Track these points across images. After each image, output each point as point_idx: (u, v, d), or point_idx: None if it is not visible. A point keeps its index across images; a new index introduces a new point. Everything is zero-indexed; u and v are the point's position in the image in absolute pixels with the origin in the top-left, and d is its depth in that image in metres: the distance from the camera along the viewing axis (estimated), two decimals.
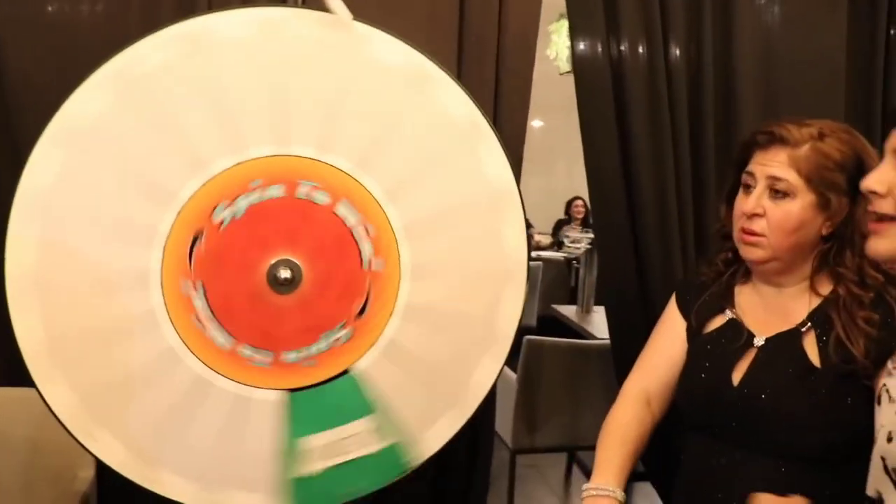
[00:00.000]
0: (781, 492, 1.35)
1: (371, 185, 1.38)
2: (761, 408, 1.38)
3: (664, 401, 1.57)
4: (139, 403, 1.37)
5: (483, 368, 1.49)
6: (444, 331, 1.45)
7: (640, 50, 2.06)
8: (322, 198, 1.38)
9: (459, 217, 1.43)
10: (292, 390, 1.40)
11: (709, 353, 1.49)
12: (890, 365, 1.23)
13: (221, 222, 1.35)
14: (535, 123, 8.80)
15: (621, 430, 1.52)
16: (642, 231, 2.13)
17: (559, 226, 7.79)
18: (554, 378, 3.02)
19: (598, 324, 3.75)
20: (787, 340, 1.42)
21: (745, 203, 1.42)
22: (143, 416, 1.37)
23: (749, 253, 1.44)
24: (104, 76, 1.29)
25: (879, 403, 1.21)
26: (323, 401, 1.42)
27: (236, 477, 1.42)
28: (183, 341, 1.36)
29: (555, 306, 4.37)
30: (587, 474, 3.69)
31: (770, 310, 1.47)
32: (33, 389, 1.35)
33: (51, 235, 1.30)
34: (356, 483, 1.45)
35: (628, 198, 2.12)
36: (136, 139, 1.31)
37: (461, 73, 2.01)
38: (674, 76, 2.09)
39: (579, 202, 7.52)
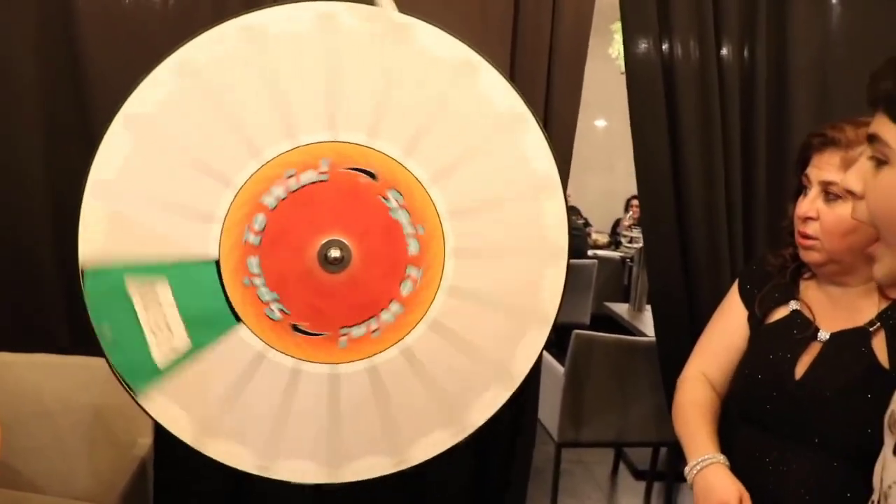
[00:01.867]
0: (833, 489, 1.34)
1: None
2: (823, 403, 1.37)
3: (723, 388, 1.57)
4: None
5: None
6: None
7: (693, 50, 2.07)
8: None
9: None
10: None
11: (771, 344, 1.48)
12: None
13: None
14: (598, 123, 8.77)
15: (698, 406, 1.52)
16: (690, 230, 2.14)
17: (617, 225, 7.75)
18: (602, 373, 3.04)
19: (650, 322, 3.73)
20: (855, 338, 1.40)
21: (799, 206, 1.43)
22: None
23: (806, 256, 1.45)
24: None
25: None
26: None
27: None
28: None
29: (607, 304, 4.37)
30: (634, 472, 3.77)
31: (836, 306, 1.46)
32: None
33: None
34: None
35: (677, 197, 2.14)
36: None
37: (514, 65, 2.05)
38: (726, 76, 2.10)
39: (636, 202, 7.45)
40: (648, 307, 4.03)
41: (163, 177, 1.40)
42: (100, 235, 1.39)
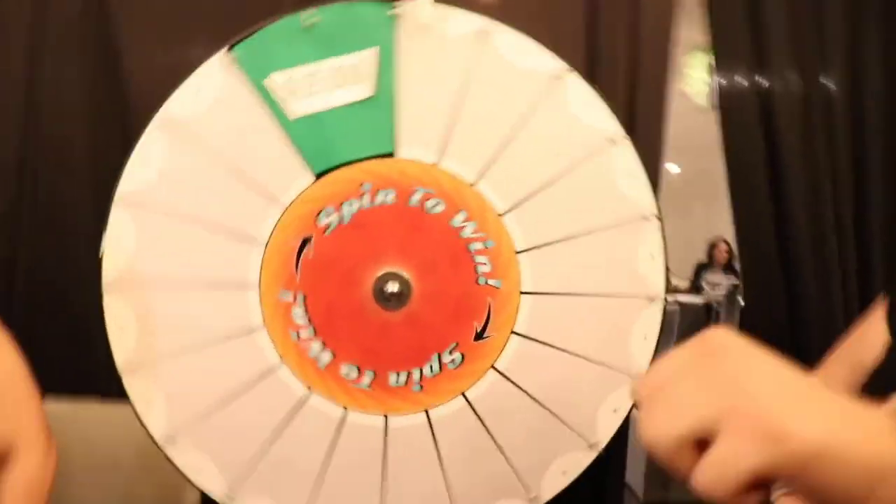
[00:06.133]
0: None
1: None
2: None
3: None
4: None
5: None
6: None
7: (793, 81, 1.96)
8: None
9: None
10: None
11: None
12: None
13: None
14: (671, 168, 8.61)
15: None
16: (797, 276, 2.00)
17: (699, 269, 7.50)
18: None
19: None
20: None
21: None
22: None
23: None
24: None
25: None
26: None
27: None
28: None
29: None
30: None
31: None
32: None
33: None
34: None
35: (780, 241, 2.01)
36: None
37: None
38: (833, 109, 1.97)
39: (724, 246, 7.20)
40: None
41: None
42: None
